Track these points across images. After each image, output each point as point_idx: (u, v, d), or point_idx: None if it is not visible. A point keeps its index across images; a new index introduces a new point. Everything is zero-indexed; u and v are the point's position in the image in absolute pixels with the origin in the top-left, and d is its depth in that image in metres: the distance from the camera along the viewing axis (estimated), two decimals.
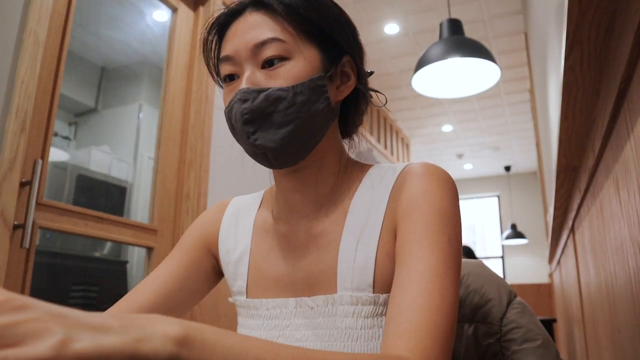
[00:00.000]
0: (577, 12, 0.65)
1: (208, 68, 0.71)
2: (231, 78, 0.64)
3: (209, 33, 0.68)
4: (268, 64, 0.61)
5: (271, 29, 0.61)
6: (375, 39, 4.15)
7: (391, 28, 4.01)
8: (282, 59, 0.61)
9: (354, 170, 0.70)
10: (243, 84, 0.61)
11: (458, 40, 2.26)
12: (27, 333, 0.29)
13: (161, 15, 2.49)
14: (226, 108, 0.63)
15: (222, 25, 0.67)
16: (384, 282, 0.60)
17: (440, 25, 2.42)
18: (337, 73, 0.66)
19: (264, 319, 0.66)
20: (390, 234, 0.61)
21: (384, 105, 0.74)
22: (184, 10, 2.29)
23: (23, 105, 1.45)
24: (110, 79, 3.35)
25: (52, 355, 0.29)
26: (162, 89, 2.20)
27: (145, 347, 0.33)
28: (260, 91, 0.60)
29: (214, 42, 0.68)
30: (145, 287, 0.71)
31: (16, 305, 0.30)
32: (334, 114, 0.66)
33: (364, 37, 0.71)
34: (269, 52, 0.61)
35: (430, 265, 0.54)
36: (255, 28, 0.62)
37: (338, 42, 0.65)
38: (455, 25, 2.39)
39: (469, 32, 3.83)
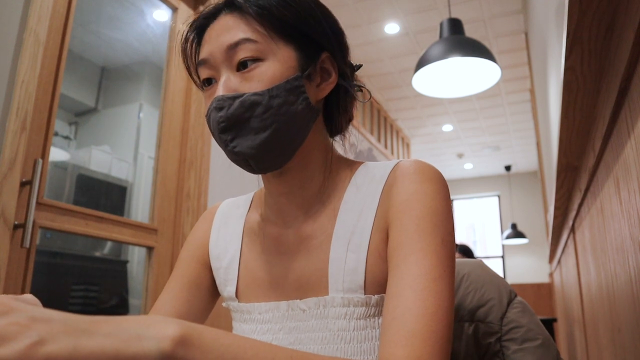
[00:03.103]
0: (577, 12, 0.65)
1: (188, 72, 0.69)
2: (209, 82, 0.64)
3: (186, 38, 0.68)
4: (242, 65, 0.60)
5: (243, 31, 0.60)
6: (375, 39, 4.15)
7: (391, 28, 4.01)
8: (256, 60, 0.60)
9: (342, 168, 0.69)
10: (219, 90, 0.60)
11: (458, 40, 2.26)
12: (3, 336, 0.31)
13: (161, 14, 2.49)
14: (206, 115, 0.63)
15: (199, 29, 0.66)
16: (375, 283, 0.59)
17: (441, 24, 2.42)
18: (316, 71, 0.64)
19: (257, 323, 0.66)
20: (382, 235, 0.61)
21: (370, 99, 0.73)
22: (184, 10, 2.29)
23: (23, 105, 1.45)
24: (111, 79, 3.34)
25: (19, 357, 0.30)
26: (162, 88, 2.20)
27: (132, 347, 0.34)
28: (235, 97, 0.59)
29: (192, 46, 0.68)
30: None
31: (1, 310, 0.32)
32: (315, 114, 0.64)
33: (364, 37, 0.70)
34: (242, 53, 0.60)
35: (425, 269, 0.53)
36: (228, 30, 0.61)
37: (315, 39, 0.64)
38: (455, 25, 2.39)
39: (469, 31, 3.83)
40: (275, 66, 0.60)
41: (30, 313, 0.33)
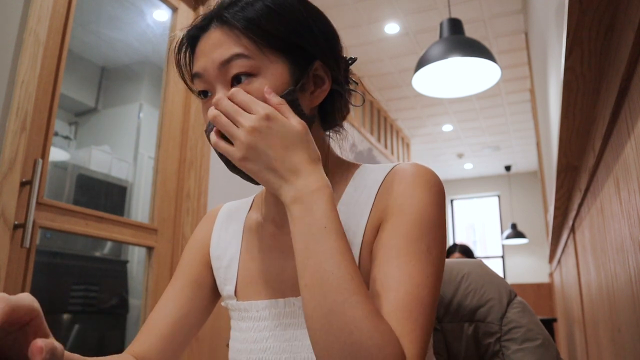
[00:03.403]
0: (577, 12, 0.65)
1: (184, 81, 0.70)
2: (205, 94, 0.64)
3: (179, 49, 0.68)
4: (236, 80, 0.61)
5: (234, 46, 0.60)
6: (375, 39, 4.15)
7: (391, 28, 4.01)
8: (249, 75, 0.60)
9: (340, 170, 0.70)
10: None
11: (458, 40, 2.26)
12: (240, 138, 0.56)
13: (161, 14, 2.49)
14: (205, 130, 0.64)
15: (192, 40, 0.66)
16: (367, 279, 0.60)
17: (441, 24, 2.42)
18: (309, 80, 0.64)
19: (254, 321, 0.67)
20: (374, 233, 0.62)
21: (364, 104, 0.73)
22: (184, 10, 2.29)
23: (23, 105, 1.45)
24: (111, 79, 3.34)
25: (235, 161, 0.57)
26: (162, 88, 2.20)
27: (276, 190, 0.57)
28: None
29: (186, 56, 0.68)
30: (158, 316, 0.72)
31: (272, 123, 0.56)
32: (310, 121, 0.65)
33: (364, 37, 0.70)
34: (235, 69, 0.60)
35: (407, 274, 0.55)
36: (220, 46, 0.61)
37: (307, 49, 0.63)
38: (455, 25, 2.39)
39: (469, 31, 3.83)
40: (268, 82, 0.60)
41: (253, 141, 0.56)
